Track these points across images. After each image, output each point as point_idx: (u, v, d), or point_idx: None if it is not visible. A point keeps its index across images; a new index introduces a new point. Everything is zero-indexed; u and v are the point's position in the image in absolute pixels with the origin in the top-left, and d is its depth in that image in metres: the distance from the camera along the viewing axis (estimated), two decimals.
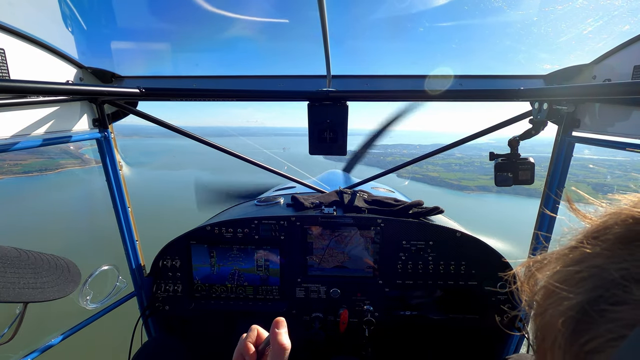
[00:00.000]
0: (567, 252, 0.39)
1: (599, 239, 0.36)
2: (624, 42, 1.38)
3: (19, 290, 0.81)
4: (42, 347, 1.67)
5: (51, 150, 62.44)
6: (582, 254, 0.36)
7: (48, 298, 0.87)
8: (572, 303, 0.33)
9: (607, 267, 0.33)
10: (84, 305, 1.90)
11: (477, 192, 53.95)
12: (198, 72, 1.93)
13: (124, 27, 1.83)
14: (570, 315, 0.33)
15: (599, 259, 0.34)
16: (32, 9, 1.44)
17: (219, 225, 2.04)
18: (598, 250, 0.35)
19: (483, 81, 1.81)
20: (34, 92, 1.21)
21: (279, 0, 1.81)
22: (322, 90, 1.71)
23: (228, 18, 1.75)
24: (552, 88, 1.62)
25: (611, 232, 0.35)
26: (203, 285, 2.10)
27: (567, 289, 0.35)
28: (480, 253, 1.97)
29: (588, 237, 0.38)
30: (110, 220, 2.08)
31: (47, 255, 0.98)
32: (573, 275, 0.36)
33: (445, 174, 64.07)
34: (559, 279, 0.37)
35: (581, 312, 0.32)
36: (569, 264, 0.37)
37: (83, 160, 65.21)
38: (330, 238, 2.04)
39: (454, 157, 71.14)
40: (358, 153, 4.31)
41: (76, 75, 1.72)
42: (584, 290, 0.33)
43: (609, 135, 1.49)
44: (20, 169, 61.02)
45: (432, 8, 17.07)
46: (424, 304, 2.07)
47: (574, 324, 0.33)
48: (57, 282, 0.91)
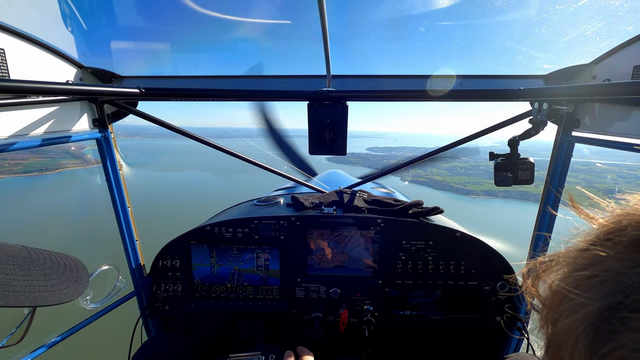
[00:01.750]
0: (577, 254, 0.37)
1: (612, 241, 0.34)
2: (623, 42, 1.38)
3: (30, 294, 0.79)
4: (42, 347, 1.67)
5: (53, 150, 62.53)
6: (594, 257, 0.35)
7: (59, 301, 0.86)
8: (590, 310, 0.32)
9: (624, 272, 0.31)
10: (84, 305, 1.90)
11: (483, 197, 53.12)
12: (198, 72, 1.93)
13: (124, 27, 1.83)
14: (589, 322, 0.31)
15: (613, 262, 0.33)
16: (32, 9, 1.45)
17: (218, 225, 2.04)
18: (612, 253, 0.33)
19: (483, 81, 1.81)
20: (34, 92, 1.21)
21: (279, 1, 1.81)
22: (322, 90, 1.71)
23: (229, 19, 1.75)
24: (552, 88, 1.62)
25: (625, 235, 0.33)
26: (203, 285, 2.10)
27: (582, 294, 0.33)
28: (480, 253, 1.97)
29: (600, 239, 0.36)
30: (109, 221, 2.08)
31: (56, 255, 0.97)
32: (586, 280, 0.34)
33: (450, 177, 63.45)
34: (571, 283, 0.35)
35: (600, 320, 0.31)
36: (581, 268, 0.35)
37: (84, 161, 65.19)
38: (330, 238, 2.04)
39: (459, 160, 70.68)
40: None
41: (76, 75, 1.72)
42: (601, 296, 0.32)
43: (609, 135, 1.49)
44: (21, 168, 61.05)
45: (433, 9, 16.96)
46: (423, 304, 2.07)
47: (594, 332, 0.31)
48: (67, 284, 0.90)
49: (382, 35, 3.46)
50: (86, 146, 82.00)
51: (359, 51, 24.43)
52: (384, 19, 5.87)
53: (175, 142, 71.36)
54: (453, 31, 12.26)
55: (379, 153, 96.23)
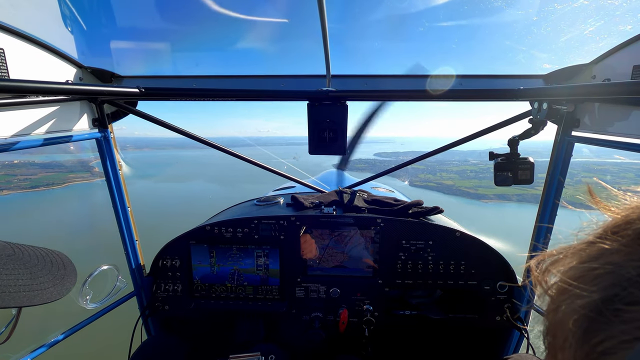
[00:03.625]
0: (584, 247, 0.37)
1: (618, 234, 0.34)
2: (623, 42, 1.39)
3: (15, 294, 0.76)
4: (42, 346, 1.67)
5: (62, 165, 62.10)
6: (599, 250, 0.34)
7: (46, 301, 0.83)
8: (586, 301, 0.32)
9: (624, 265, 0.31)
10: (84, 305, 1.90)
11: (496, 201, 51.42)
12: (198, 72, 1.93)
13: (123, 26, 1.82)
14: (583, 313, 0.32)
15: (616, 255, 0.32)
16: (32, 9, 1.44)
17: (218, 225, 2.04)
18: (617, 246, 0.33)
19: (483, 81, 1.81)
20: (34, 92, 1.21)
21: (279, 1, 1.81)
22: (322, 90, 1.71)
23: (229, 19, 1.74)
24: (552, 88, 1.62)
25: (632, 228, 0.33)
26: (203, 285, 2.10)
27: (582, 286, 0.33)
28: (480, 253, 1.97)
29: (607, 232, 0.35)
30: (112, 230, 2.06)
31: (41, 250, 0.94)
32: (588, 272, 0.34)
33: (461, 181, 62.22)
34: (574, 276, 0.35)
35: (595, 311, 0.31)
36: (585, 260, 0.35)
37: (92, 174, 64.93)
38: (330, 238, 2.04)
39: (469, 163, 69.40)
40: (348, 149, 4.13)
41: (76, 75, 1.72)
42: (599, 288, 0.32)
43: (609, 135, 1.49)
44: (29, 183, 61.08)
45: (432, 8, 17.16)
46: (423, 304, 2.07)
47: (587, 323, 0.31)
48: (54, 282, 0.87)
49: (383, 34, 3.48)
50: (94, 159, 79.56)
51: (358, 51, 24.61)
52: (384, 18, 5.91)
53: (184, 153, 71.23)
54: (453, 31, 12.33)
55: (386, 158, 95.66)
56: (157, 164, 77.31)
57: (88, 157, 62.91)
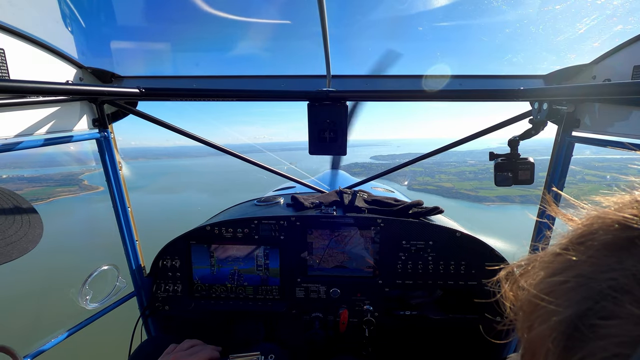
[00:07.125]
0: (551, 258, 0.36)
1: (584, 245, 0.33)
2: (623, 42, 1.38)
3: None
4: (42, 347, 1.67)
5: (50, 178, 60.52)
6: (566, 262, 0.34)
7: (24, 252, 0.75)
8: (561, 318, 0.31)
9: (594, 277, 0.31)
10: (84, 305, 1.90)
11: (499, 203, 49.41)
12: (198, 72, 1.93)
13: (123, 26, 1.82)
14: (560, 330, 0.31)
15: (585, 267, 0.32)
16: (32, 9, 1.44)
17: (218, 225, 2.04)
18: (584, 258, 0.32)
19: (483, 81, 1.81)
20: (34, 92, 1.21)
21: (279, 1, 1.81)
22: (322, 90, 1.71)
23: (229, 19, 1.74)
24: (552, 88, 1.62)
25: (597, 239, 0.33)
26: (203, 285, 2.10)
27: (554, 301, 0.32)
28: (480, 253, 1.97)
29: (573, 242, 0.35)
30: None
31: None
32: (559, 286, 0.33)
33: (460, 183, 60.33)
34: (544, 290, 0.34)
35: (571, 328, 0.30)
36: (554, 273, 0.34)
37: (80, 187, 63.38)
38: (330, 238, 2.04)
39: (467, 164, 68.13)
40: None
41: (76, 75, 1.72)
42: (572, 302, 0.31)
43: (609, 135, 1.49)
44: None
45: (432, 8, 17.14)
46: (423, 304, 2.07)
47: (565, 340, 0.30)
48: (24, 231, 0.78)
49: (383, 34, 3.49)
50: (85, 172, 76.51)
51: (358, 51, 24.66)
52: (384, 19, 5.92)
53: (178, 162, 70.65)
54: (453, 31, 12.42)
55: (382, 161, 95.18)
56: (150, 175, 76.69)
57: (79, 170, 61.01)
